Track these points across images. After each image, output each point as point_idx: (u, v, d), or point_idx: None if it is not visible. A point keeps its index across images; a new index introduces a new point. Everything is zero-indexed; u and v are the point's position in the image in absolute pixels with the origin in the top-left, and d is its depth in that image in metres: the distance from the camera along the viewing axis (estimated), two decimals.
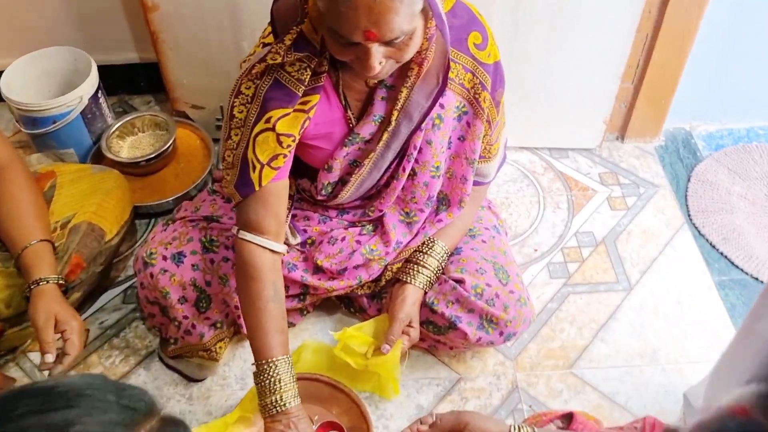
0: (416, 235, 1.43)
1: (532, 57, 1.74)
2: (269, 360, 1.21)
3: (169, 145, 1.79)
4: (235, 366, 1.53)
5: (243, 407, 1.32)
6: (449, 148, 1.36)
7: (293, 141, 1.23)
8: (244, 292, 1.26)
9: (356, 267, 1.41)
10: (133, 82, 2.08)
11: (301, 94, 1.19)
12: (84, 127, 1.80)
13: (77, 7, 1.92)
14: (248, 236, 1.24)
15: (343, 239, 1.43)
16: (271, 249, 1.25)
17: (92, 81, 1.77)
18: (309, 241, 1.46)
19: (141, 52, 2.02)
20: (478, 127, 1.32)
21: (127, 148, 1.87)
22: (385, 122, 1.28)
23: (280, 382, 1.20)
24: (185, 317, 1.41)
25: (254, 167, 1.21)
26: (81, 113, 1.76)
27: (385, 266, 1.43)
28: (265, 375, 1.21)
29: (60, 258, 1.41)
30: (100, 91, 1.81)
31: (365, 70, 1.09)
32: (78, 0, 1.91)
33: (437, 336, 1.43)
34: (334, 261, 1.41)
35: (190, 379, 1.50)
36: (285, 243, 1.39)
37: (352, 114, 1.30)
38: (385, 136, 1.28)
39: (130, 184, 1.66)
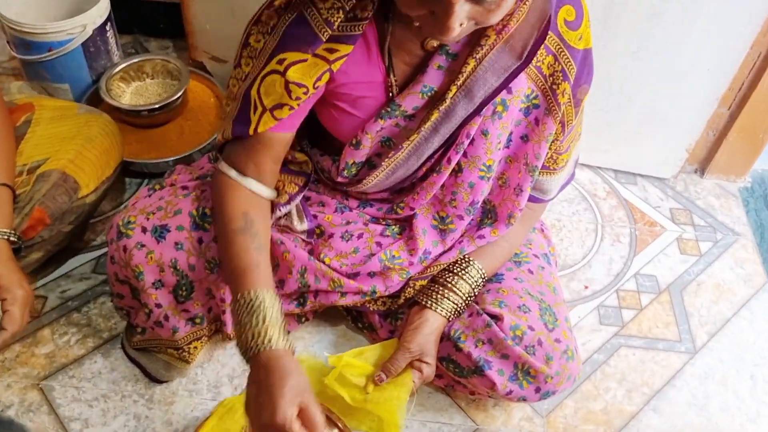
0: (450, 249, 1.16)
1: (621, 53, 1.46)
2: (243, 292, 0.95)
3: (178, 96, 1.54)
4: (210, 370, 1.27)
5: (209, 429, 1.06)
6: (507, 147, 1.09)
7: (304, 93, 0.98)
8: (216, 227, 1.08)
9: (371, 274, 1.14)
10: (151, 21, 1.84)
11: (324, 39, 0.94)
12: (84, 62, 1.55)
13: None
14: (225, 168, 1.05)
15: (360, 236, 1.16)
16: (250, 188, 1.05)
17: (101, 10, 1.52)
18: (318, 230, 1.19)
19: None
20: (548, 127, 1.05)
21: (130, 94, 1.62)
22: (436, 98, 1.02)
23: (265, 318, 0.91)
24: (158, 305, 1.15)
25: (255, 108, 1.01)
26: (82, 44, 1.52)
27: (407, 280, 1.16)
28: (241, 308, 0.94)
29: (19, 209, 1.17)
30: (109, 24, 1.56)
31: (440, 31, 0.83)
32: None
33: (458, 378, 1.16)
34: (345, 261, 1.14)
35: (153, 379, 1.24)
36: (288, 228, 1.15)
37: (395, 80, 1.03)
38: (435, 115, 1.01)
39: (125, 136, 1.42)
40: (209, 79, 1.67)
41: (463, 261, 1.15)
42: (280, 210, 1.13)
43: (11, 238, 1.09)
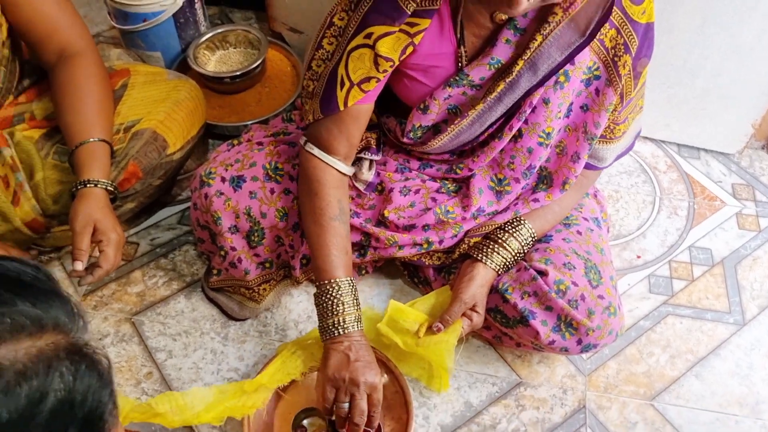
0: (505, 210, 1.24)
1: (684, 28, 1.48)
2: (332, 280, 1.12)
3: (257, 64, 1.66)
4: (279, 314, 1.40)
5: (267, 376, 1.18)
6: (567, 116, 1.15)
7: (391, 66, 1.08)
8: (307, 208, 1.17)
9: (426, 228, 1.23)
10: None
11: (410, 12, 1.02)
12: (174, 31, 1.69)
13: None
14: (316, 151, 1.15)
15: (417, 192, 1.25)
16: (338, 169, 1.16)
17: None
18: (379, 187, 1.29)
19: None
20: (609, 97, 1.10)
21: (214, 62, 1.75)
22: (502, 70, 1.09)
23: (342, 304, 1.11)
24: (233, 248, 1.28)
25: (342, 84, 1.09)
26: (173, 16, 1.65)
27: (462, 236, 1.25)
28: (327, 296, 1.11)
29: (116, 163, 1.31)
30: None
31: (510, 6, 0.91)
32: None
33: (505, 328, 1.24)
34: (402, 215, 1.24)
35: (229, 317, 1.38)
36: (356, 177, 1.25)
37: (465, 52, 1.10)
38: (501, 86, 1.08)
39: (209, 101, 1.55)
40: (286, 48, 1.78)
41: (515, 221, 1.22)
42: (366, 154, 1.23)
43: (109, 188, 1.22)
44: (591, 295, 1.16)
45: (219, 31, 1.74)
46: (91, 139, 1.23)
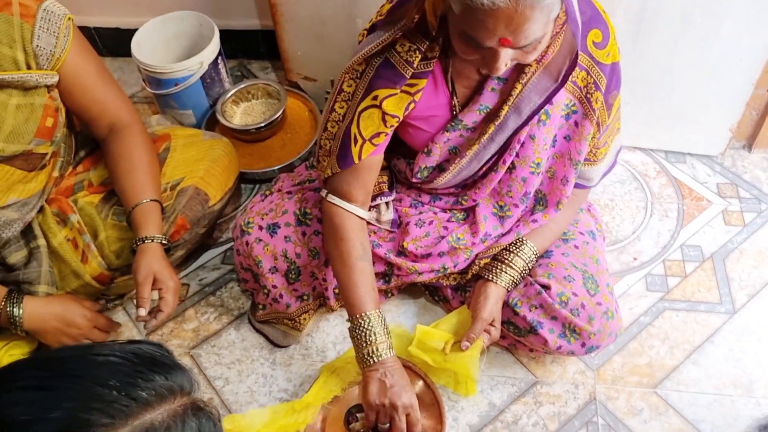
0: (509, 232, 1.41)
1: (657, 53, 1.64)
2: (362, 314, 1.27)
3: (278, 114, 1.85)
4: (318, 338, 1.58)
5: (312, 395, 1.37)
6: (553, 146, 1.32)
7: (396, 122, 1.26)
8: (334, 253, 1.33)
9: (441, 254, 1.41)
10: (252, 47, 2.15)
11: (408, 77, 1.20)
12: (202, 91, 1.88)
13: None
14: (336, 200, 1.32)
15: (431, 223, 1.43)
16: (358, 215, 1.32)
17: (213, 48, 1.84)
18: (398, 221, 1.47)
19: (262, 19, 2.08)
20: (586, 128, 1.27)
21: (239, 114, 1.94)
22: (491, 114, 1.27)
23: (375, 335, 1.26)
24: (274, 286, 1.47)
25: (356, 141, 1.26)
26: (201, 77, 1.84)
27: (474, 259, 1.42)
28: (360, 329, 1.27)
29: (167, 218, 1.50)
30: (219, 57, 1.88)
31: (490, 71, 1.10)
32: None
33: (517, 337, 1.41)
34: (420, 244, 1.41)
35: (275, 344, 1.57)
36: (379, 221, 1.42)
37: (458, 101, 1.29)
38: (491, 129, 1.26)
39: (238, 150, 1.72)
40: (303, 96, 1.97)
41: (518, 241, 1.40)
42: (382, 198, 1.42)
43: (163, 242, 1.41)
44: (590, 303, 1.33)
45: (242, 86, 1.93)
46: (144, 200, 1.42)
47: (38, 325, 1.38)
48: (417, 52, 1.18)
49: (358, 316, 1.28)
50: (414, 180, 1.41)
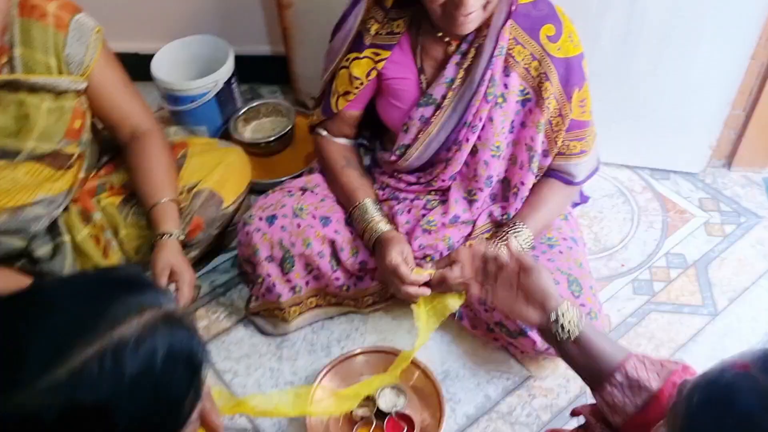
0: (479, 216, 1.53)
1: (641, 73, 1.77)
2: (356, 204, 1.50)
3: (287, 130, 1.97)
4: (323, 335, 1.67)
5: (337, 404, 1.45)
6: (511, 132, 1.46)
7: (360, 84, 1.46)
8: (326, 171, 1.60)
9: (416, 239, 1.50)
10: (263, 72, 2.28)
11: (367, 44, 1.41)
12: (217, 108, 2.01)
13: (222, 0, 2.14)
14: (324, 133, 1.60)
15: (409, 211, 1.56)
16: (339, 142, 1.59)
17: (228, 68, 1.98)
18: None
19: (273, 45, 2.22)
20: (536, 115, 1.41)
21: (250, 131, 2.07)
22: (453, 85, 1.42)
23: (370, 218, 1.47)
24: (269, 275, 1.56)
25: (333, 94, 1.51)
26: (215, 96, 1.97)
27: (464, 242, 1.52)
28: (356, 216, 1.49)
29: (183, 218, 1.59)
30: (233, 78, 2.01)
31: (459, 12, 1.24)
32: None
33: (510, 339, 1.50)
34: (402, 231, 1.52)
35: (264, 333, 1.66)
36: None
37: (425, 78, 1.45)
38: (450, 94, 1.41)
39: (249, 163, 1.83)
40: (310, 114, 2.09)
41: (516, 225, 1.48)
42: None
43: (180, 237, 1.50)
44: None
45: (254, 105, 2.06)
46: (163, 200, 1.51)
47: None
48: (374, 20, 1.39)
49: (353, 208, 1.50)
50: (393, 158, 1.53)
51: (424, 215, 1.54)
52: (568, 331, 1.06)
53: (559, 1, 1.40)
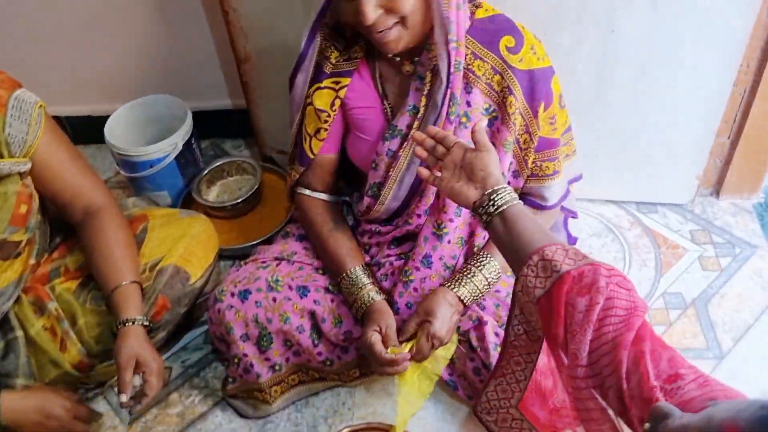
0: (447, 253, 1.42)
1: (620, 108, 1.70)
2: (345, 272, 1.40)
3: (254, 189, 1.85)
4: (308, 414, 1.54)
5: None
6: None
7: (328, 116, 1.38)
8: (311, 236, 1.51)
9: (401, 295, 1.41)
10: (224, 126, 2.18)
11: (328, 72, 1.35)
12: (177, 171, 1.89)
13: (177, 57, 2.04)
14: (303, 190, 1.50)
15: (392, 273, 1.46)
16: (323, 199, 1.49)
17: (186, 129, 1.86)
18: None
19: (233, 98, 2.12)
20: (503, 134, 1.32)
21: (215, 192, 1.95)
22: (417, 112, 1.33)
23: (359, 288, 1.38)
24: (245, 355, 1.44)
25: (306, 139, 1.42)
26: (175, 158, 1.85)
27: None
28: (346, 284, 1.40)
29: (147, 299, 1.47)
30: (193, 138, 1.90)
31: (363, 19, 1.16)
32: (177, 51, 2.02)
33: None
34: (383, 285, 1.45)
35: (243, 416, 1.53)
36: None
37: (389, 104, 1.37)
38: (415, 124, 1.32)
39: (216, 227, 1.71)
40: (278, 170, 1.99)
41: (482, 257, 1.37)
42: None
43: (144, 323, 1.38)
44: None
45: (216, 164, 1.95)
46: (124, 283, 1.39)
47: (17, 419, 1.32)
48: (333, 48, 1.34)
49: (342, 276, 1.40)
50: (367, 200, 1.43)
51: (401, 271, 1.44)
52: (498, 205, 1.07)
53: None
